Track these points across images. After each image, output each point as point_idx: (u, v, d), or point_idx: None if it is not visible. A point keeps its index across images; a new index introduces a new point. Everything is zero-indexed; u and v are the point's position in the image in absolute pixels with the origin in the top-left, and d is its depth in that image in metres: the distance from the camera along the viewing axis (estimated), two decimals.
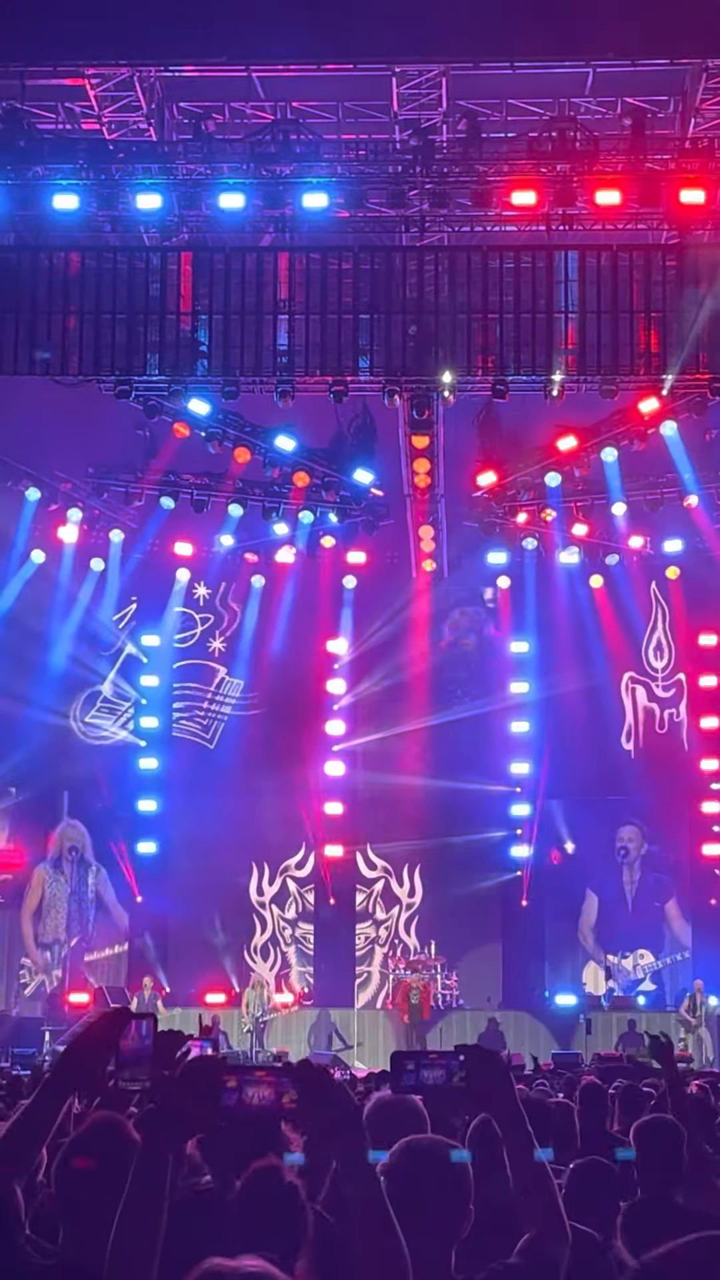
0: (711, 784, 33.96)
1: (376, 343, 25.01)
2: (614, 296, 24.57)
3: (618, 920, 34.08)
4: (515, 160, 24.39)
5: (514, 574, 34.23)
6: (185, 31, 23.09)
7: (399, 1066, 4.23)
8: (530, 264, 24.70)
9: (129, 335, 24.90)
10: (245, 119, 25.17)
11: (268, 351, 24.99)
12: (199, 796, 33.93)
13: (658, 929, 34.05)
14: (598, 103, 24.75)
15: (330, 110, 25.03)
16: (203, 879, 33.90)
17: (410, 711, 34.54)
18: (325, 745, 34.35)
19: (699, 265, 24.63)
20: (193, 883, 33.87)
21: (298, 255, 24.98)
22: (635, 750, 34.77)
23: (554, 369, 25.00)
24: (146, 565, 34.17)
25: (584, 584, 34.15)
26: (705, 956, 32.87)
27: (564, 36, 23.20)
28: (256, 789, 33.94)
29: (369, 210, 25.13)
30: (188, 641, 35.37)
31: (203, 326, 25.03)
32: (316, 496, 31.79)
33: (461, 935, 33.99)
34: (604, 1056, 25.77)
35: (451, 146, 24.66)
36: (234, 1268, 3.14)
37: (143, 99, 24.30)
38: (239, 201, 24.48)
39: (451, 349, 24.90)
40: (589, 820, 34.22)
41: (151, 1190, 3.57)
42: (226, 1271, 3.13)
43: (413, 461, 29.58)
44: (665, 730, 34.97)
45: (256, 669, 35.06)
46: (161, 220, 25.04)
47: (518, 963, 33.91)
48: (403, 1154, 4.54)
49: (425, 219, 25.25)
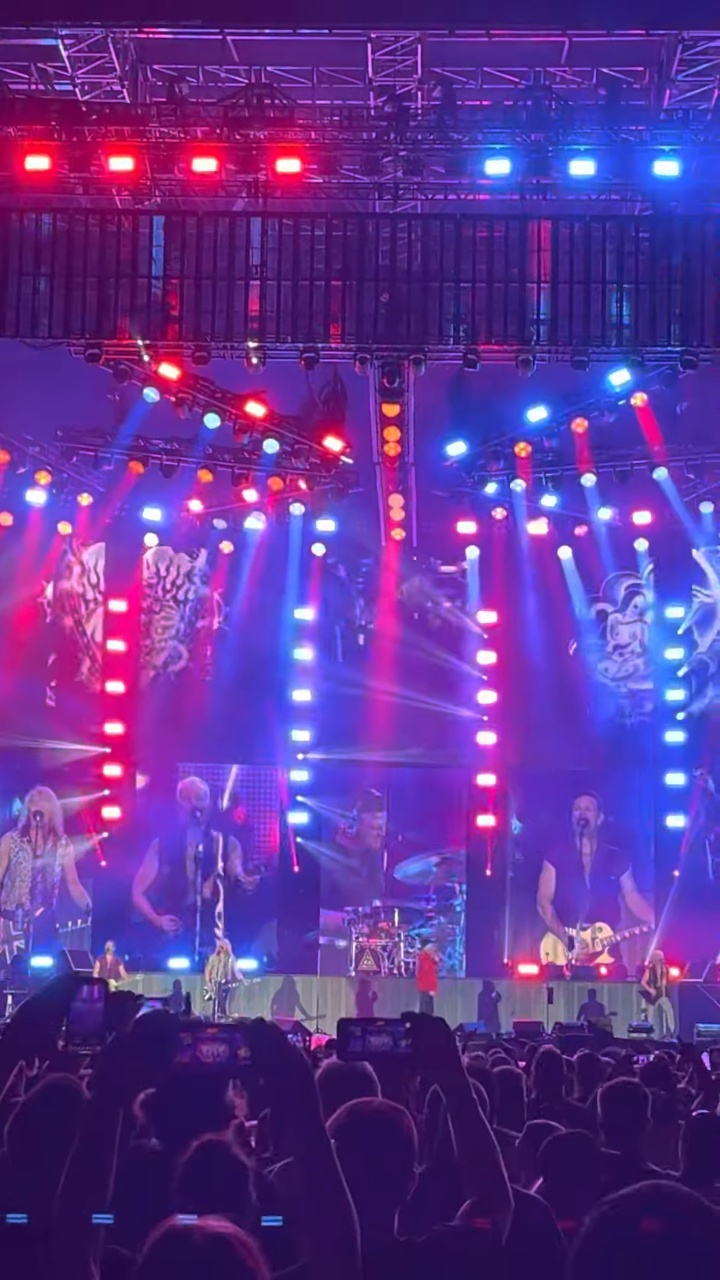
0: (675, 756, 34.06)
1: (348, 310, 24.95)
2: (587, 267, 24.53)
3: (575, 892, 34.17)
4: (490, 129, 24.31)
5: (483, 544, 34.22)
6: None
7: (346, 1033, 4.24)
8: (504, 233, 24.65)
9: (100, 298, 24.78)
10: (219, 83, 25.06)
11: (239, 317, 24.89)
12: (164, 763, 33.89)
13: (614, 901, 34.15)
14: (573, 72, 24.70)
15: (305, 75, 24.94)
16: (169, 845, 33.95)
17: (377, 680, 34.50)
18: (292, 713, 34.33)
19: (672, 236, 24.61)
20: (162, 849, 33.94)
21: (270, 221, 24.87)
22: (600, 720, 34.79)
23: (526, 339, 24.97)
24: (115, 530, 34.10)
25: (552, 555, 34.16)
26: (666, 928, 33.00)
27: (540, 5, 23.15)
28: (221, 756, 33.94)
29: (342, 176, 25.05)
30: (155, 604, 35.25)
31: (174, 291, 24.93)
32: (286, 463, 31.73)
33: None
34: (565, 1026, 25.90)
35: (426, 114, 24.58)
36: (199, 1226, 3.15)
37: (116, 61, 24.16)
38: (212, 165, 24.37)
39: (423, 317, 24.86)
40: (550, 790, 34.33)
41: (100, 1143, 3.58)
42: (190, 1231, 3.14)
43: (383, 430, 29.54)
44: (630, 702, 35.01)
45: (221, 635, 35.01)
46: (134, 183, 24.93)
47: (482, 932, 34.01)
48: (347, 1117, 4.56)
49: (399, 186, 25.18)
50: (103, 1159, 3.58)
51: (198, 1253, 3.08)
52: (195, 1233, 3.12)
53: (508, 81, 24.75)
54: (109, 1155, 3.59)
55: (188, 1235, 3.12)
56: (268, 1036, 3.65)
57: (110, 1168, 3.59)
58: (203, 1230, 3.12)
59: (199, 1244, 3.10)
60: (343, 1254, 3.53)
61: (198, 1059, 3.61)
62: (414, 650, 34.71)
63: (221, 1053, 3.61)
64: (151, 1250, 3.14)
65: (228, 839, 34.69)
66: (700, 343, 25.01)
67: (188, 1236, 3.11)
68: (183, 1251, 3.09)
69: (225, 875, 34.53)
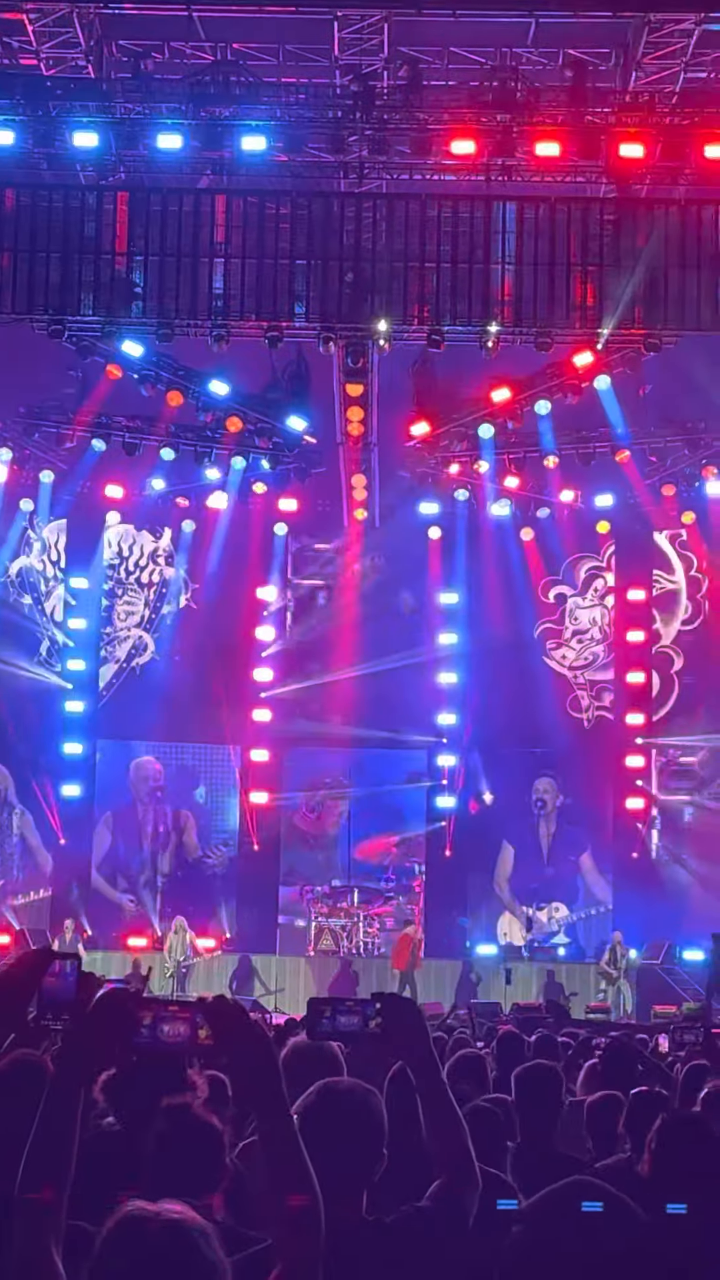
0: (636, 738, 34.19)
1: (312, 289, 24.91)
2: (551, 249, 24.54)
3: (533, 872, 34.28)
4: (455, 109, 24.29)
5: (445, 525, 34.23)
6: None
7: (315, 1013, 4.24)
8: (468, 214, 24.62)
9: (63, 274, 24.69)
10: (185, 59, 24.96)
11: (203, 295, 24.84)
12: (125, 740, 33.86)
13: (572, 882, 34.27)
14: (539, 53, 24.66)
15: (271, 53, 24.85)
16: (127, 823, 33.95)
17: (338, 661, 34.54)
18: (253, 692, 34.33)
19: (636, 219, 24.64)
20: (116, 826, 33.93)
21: (235, 198, 24.81)
22: (560, 703, 34.87)
23: (490, 320, 24.98)
24: (77, 507, 34.01)
25: (515, 536, 34.21)
26: (625, 909, 33.15)
27: None
28: (183, 734, 33.92)
29: (308, 155, 25.00)
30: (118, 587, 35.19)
31: (138, 268, 24.86)
32: (249, 442, 31.69)
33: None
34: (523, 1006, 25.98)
35: (392, 93, 24.53)
36: (155, 1212, 3.14)
37: (81, 36, 24.01)
38: (177, 142, 24.28)
39: (388, 297, 24.84)
40: (510, 771, 34.42)
41: (62, 1122, 3.57)
42: (148, 1216, 3.14)
43: (346, 409, 29.51)
44: (590, 684, 35.12)
45: (185, 614, 34.97)
46: (98, 159, 24.82)
47: (441, 912, 34.10)
48: (318, 1097, 4.57)
49: (364, 165, 25.13)
50: (65, 1138, 3.57)
51: (154, 1238, 3.07)
52: (152, 1219, 3.11)
53: (474, 62, 24.72)
54: (71, 1134, 3.59)
55: (144, 1221, 3.11)
56: (229, 1014, 3.65)
57: (72, 1146, 3.58)
58: (159, 1216, 3.12)
59: (155, 1230, 3.10)
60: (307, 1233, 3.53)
61: (158, 1038, 3.60)
62: (375, 630, 34.72)
63: (182, 1031, 3.60)
64: (108, 1236, 3.14)
65: (186, 817, 34.66)
66: (664, 325, 25.07)
67: (144, 1222, 3.11)
68: (139, 1237, 3.09)
69: (184, 853, 34.52)
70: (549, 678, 34.87)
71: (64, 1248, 3.49)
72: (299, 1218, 3.52)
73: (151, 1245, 3.08)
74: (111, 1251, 3.12)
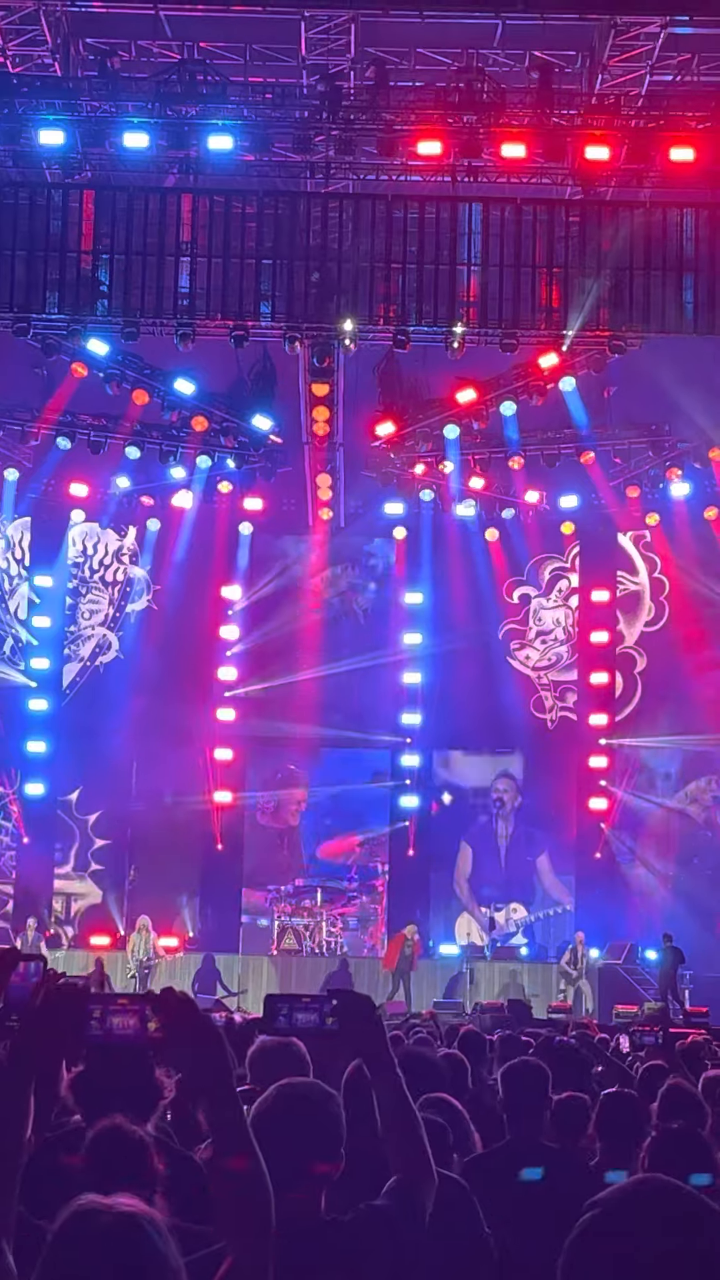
0: (599, 738, 34.27)
1: (278, 288, 24.92)
2: (517, 250, 24.62)
3: (490, 872, 34.34)
4: (422, 110, 24.34)
5: (410, 525, 34.27)
6: None
7: (272, 1010, 4.25)
8: (434, 215, 24.68)
9: (28, 272, 24.64)
10: (152, 58, 24.94)
11: (168, 293, 24.83)
12: (89, 739, 33.80)
13: (529, 882, 34.34)
14: (506, 55, 24.72)
15: (238, 52, 24.87)
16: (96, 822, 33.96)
17: (303, 660, 34.53)
18: (217, 691, 34.30)
19: (602, 222, 24.71)
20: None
21: (201, 197, 24.81)
22: (524, 703, 34.93)
23: (455, 321, 25.03)
24: (41, 505, 33.93)
25: (479, 537, 34.26)
26: (586, 909, 33.22)
27: None
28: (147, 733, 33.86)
29: (274, 155, 25.02)
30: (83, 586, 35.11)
31: (103, 266, 24.83)
32: (214, 441, 31.66)
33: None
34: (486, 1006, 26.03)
35: (359, 94, 24.58)
36: (108, 1206, 3.13)
37: (48, 33, 23.98)
38: (143, 141, 24.27)
39: (353, 297, 24.87)
40: (470, 772, 34.48)
41: (11, 1116, 3.57)
42: (100, 1209, 3.13)
43: (312, 409, 29.53)
44: (554, 684, 35.18)
45: (149, 613, 34.92)
46: (64, 157, 24.78)
47: (404, 912, 34.08)
48: (274, 1097, 4.58)
49: (330, 165, 25.17)
50: (15, 1133, 3.57)
51: (106, 1231, 3.07)
52: (104, 1212, 3.11)
53: (440, 63, 24.76)
54: (20, 1128, 3.58)
55: (96, 1214, 3.11)
56: (178, 1007, 3.65)
57: (21, 1143, 3.58)
58: (111, 1209, 3.12)
59: (108, 1223, 3.09)
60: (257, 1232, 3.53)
61: (108, 1031, 3.61)
62: (339, 630, 34.75)
63: (132, 1024, 3.60)
64: (60, 1229, 3.13)
65: (149, 816, 34.57)
66: (628, 327, 25.15)
67: (96, 1215, 3.11)
68: (91, 1231, 3.08)
69: (145, 854, 34.45)
70: (513, 678, 34.92)
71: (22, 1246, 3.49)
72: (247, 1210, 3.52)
73: (104, 1237, 3.07)
74: (63, 1244, 3.11)
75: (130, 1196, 3.19)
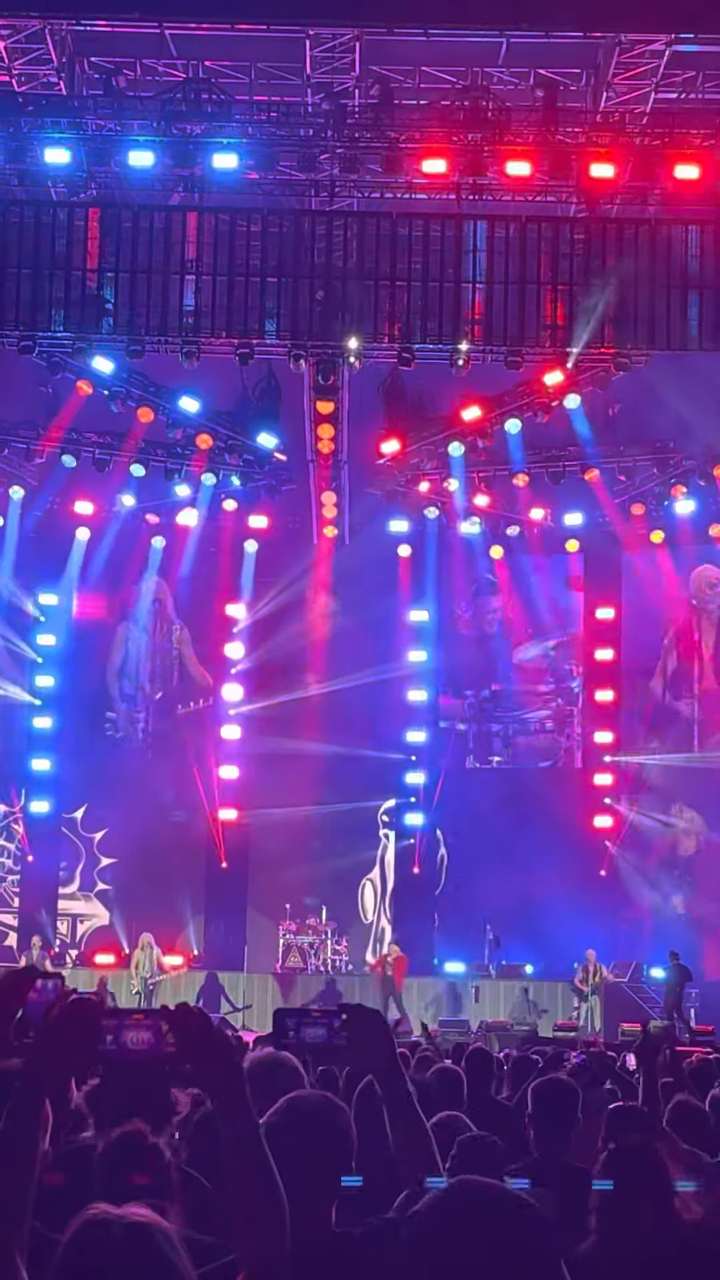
0: (604, 756, 34.22)
1: (283, 306, 24.94)
2: (521, 268, 24.63)
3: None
4: (427, 128, 24.38)
5: (415, 542, 34.26)
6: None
7: (281, 1024, 4.24)
8: (439, 233, 24.71)
9: (34, 290, 24.68)
10: (157, 76, 25.00)
11: (173, 311, 24.86)
12: (93, 757, 33.77)
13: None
14: (510, 73, 24.76)
15: (243, 71, 24.92)
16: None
17: (308, 677, 34.51)
18: (222, 709, 34.27)
19: (606, 239, 24.74)
20: None
21: (206, 215, 24.84)
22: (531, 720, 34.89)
23: (460, 338, 25.05)
24: (46, 523, 33.92)
25: (484, 554, 34.26)
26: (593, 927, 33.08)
27: (478, 5, 23.21)
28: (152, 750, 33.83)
29: (279, 173, 25.07)
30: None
31: (109, 284, 24.87)
32: (219, 459, 31.67)
33: (353, 901, 34.12)
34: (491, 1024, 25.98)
35: (363, 112, 24.62)
36: (119, 1216, 3.13)
37: (53, 52, 24.05)
38: (148, 159, 24.33)
39: (358, 315, 24.89)
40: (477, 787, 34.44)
41: (24, 1129, 3.56)
42: (110, 1220, 3.13)
43: (317, 427, 29.54)
44: (559, 701, 35.15)
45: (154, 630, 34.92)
46: (69, 175, 24.84)
47: (407, 929, 34.02)
48: (285, 1111, 4.56)
49: (335, 184, 25.20)
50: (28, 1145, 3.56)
51: (117, 1242, 3.07)
52: (115, 1222, 3.11)
53: (445, 81, 24.81)
54: (34, 1141, 3.57)
55: (107, 1224, 3.10)
56: (192, 1022, 3.64)
57: (35, 1157, 3.57)
58: (122, 1219, 3.11)
59: (118, 1234, 3.09)
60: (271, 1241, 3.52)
61: (122, 1047, 3.60)
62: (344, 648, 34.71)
63: (146, 1039, 3.60)
64: (71, 1239, 3.13)
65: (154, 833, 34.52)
66: (633, 344, 25.17)
67: (107, 1225, 3.10)
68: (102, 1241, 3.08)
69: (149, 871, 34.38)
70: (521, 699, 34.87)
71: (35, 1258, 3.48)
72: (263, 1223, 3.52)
73: (115, 1247, 3.07)
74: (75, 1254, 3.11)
75: (142, 1207, 3.19)
